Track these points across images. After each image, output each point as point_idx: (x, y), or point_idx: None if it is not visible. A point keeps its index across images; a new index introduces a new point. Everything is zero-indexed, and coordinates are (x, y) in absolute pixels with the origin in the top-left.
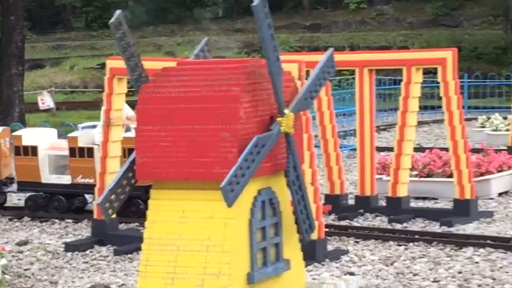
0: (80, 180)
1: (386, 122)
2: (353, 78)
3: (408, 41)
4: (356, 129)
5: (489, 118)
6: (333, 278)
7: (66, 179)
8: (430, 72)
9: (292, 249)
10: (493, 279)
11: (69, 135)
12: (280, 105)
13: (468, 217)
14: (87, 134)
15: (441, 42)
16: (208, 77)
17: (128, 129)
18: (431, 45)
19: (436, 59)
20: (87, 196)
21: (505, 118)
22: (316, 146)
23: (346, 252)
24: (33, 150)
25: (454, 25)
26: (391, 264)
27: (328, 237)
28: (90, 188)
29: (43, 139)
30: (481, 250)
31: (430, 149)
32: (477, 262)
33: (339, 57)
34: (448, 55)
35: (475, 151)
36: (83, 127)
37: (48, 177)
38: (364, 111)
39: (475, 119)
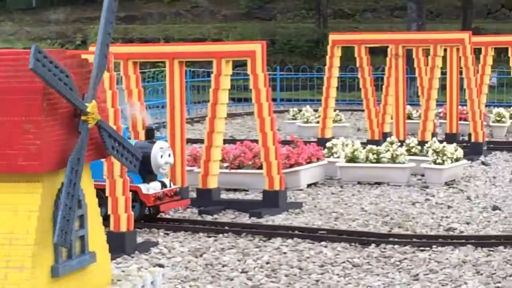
0: None
1: (200, 114)
2: None
3: (223, 33)
4: (167, 121)
5: (300, 111)
6: (141, 270)
7: None
8: (244, 65)
9: (98, 242)
10: (300, 269)
11: None
12: (80, 106)
13: (278, 208)
14: None
15: (255, 35)
16: (11, 68)
17: None
18: (245, 38)
19: (245, 51)
20: None
21: (316, 111)
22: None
23: (155, 244)
24: None
25: (268, 18)
26: (200, 255)
27: (138, 229)
28: None
29: None
30: (289, 240)
31: (242, 141)
32: (285, 253)
33: (150, 49)
34: (257, 48)
35: (286, 143)
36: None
37: None
38: (175, 103)
39: (287, 111)
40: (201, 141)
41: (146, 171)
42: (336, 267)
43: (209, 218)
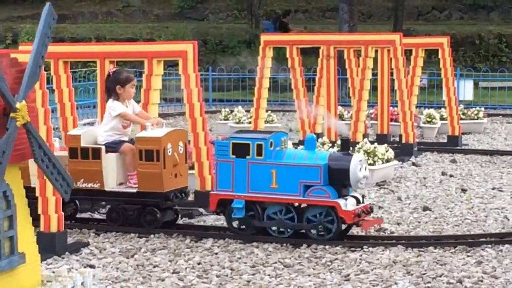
0: (81, 185)
1: None
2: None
3: (155, 33)
4: (98, 121)
5: (232, 111)
6: (71, 271)
7: None
8: (176, 65)
9: (27, 242)
10: (232, 269)
11: (69, 133)
12: (10, 101)
13: (207, 208)
14: (89, 133)
15: (187, 35)
16: None
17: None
18: (177, 38)
19: (176, 51)
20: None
21: (248, 111)
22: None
23: (86, 244)
24: None
25: (200, 19)
26: (132, 256)
27: (69, 230)
28: (94, 193)
29: None
30: (221, 241)
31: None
32: (216, 253)
33: (80, 48)
34: (189, 48)
35: None
36: (83, 124)
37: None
38: (105, 103)
39: (219, 111)
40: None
41: (342, 186)
42: (267, 268)
43: None
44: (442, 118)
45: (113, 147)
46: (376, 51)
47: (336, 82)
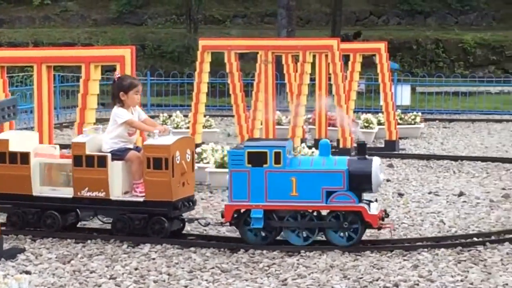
0: (86, 193)
1: (69, 119)
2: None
3: (93, 38)
4: (35, 126)
5: (170, 116)
6: (7, 277)
7: (64, 192)
8: (115, 69)
9: None
10: (169, 274)
11: (74, 140)
12: None
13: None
14: (94, 140)
15: (125, 40)
16: None
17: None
18: (115, 43)
19: (114, 56)
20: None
21: (186, 116)
22: None
23: (22, 250)
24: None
25: (139, 23)
26: (68, 262)
27: (5, 236)
28: (98, 203)
29: (29, 144)
30: (158, 246)
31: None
32: (154, 259)
33: (17, 53)
34: (126, 52)
35: None
36: (88, 131)
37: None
38: (43, 108)
39: (158, 116)
40: (70, 146)
41: (362, 190)
42: (205, 273)
43: (78, 224)
44: (379, 123)
45: (118, 154)
46: (314, 56)
47: (274, 87)
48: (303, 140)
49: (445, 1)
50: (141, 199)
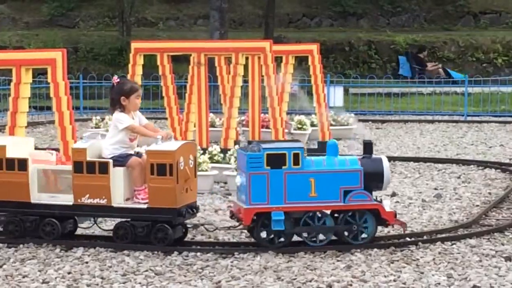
0: (86, 200)
1: (0, 122)
2: None
3: (24, 41)
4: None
5: (103, 119)
6: None
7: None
8: (47, 72)
9: None
10: (102, 278)
11: (74, 146)
12: None
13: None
14: (94, 146)
15: (57, 42)
16: None
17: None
18: (47, 46)
19: (45, 59)
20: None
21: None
22: None
23: None
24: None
25: (71, 26)
26: (0, 266)
27: None
28: (100, 210)
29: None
30: (91, 250)
31: (45, 149)
32: (87, 262)
33: None
34: (58, 55)
35: None
36: (87, 137)
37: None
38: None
39: (90, 119)
40: None
41: (374, 188)
42: (138, 276)
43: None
44: (312, 125)
45: (120, 161)
46: (247, 58)
47: (207, 89)
48: (236, 142)
49: (377, 2)
50: (145, 206)
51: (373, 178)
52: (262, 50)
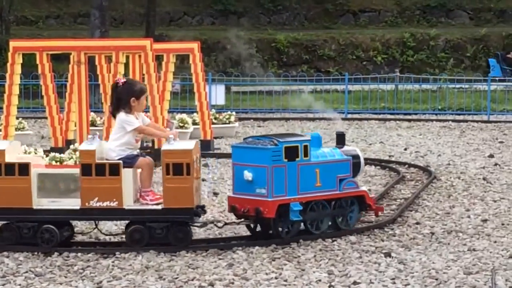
0: (95, 204)
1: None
2: None
3: None
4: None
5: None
6: None
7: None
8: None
9: None
10: None
11: (82, 148)
12: None
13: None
14: (100, 148)
15: None
16: None
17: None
18: None
19: None
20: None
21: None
22: None
23: None
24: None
25: None
26: None
27: None
28: (111, 213)
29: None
30: None
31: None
32: None
33: None
34: None
35: None
36: (93, 138)
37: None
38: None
39: None
40: None
41: (353, 176)
42: (18, 277)
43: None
44: (194, 123)
45: (128, 162)
46: (128, 57)
47: (87, 88)
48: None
49: (258, 1)
50: (159, 207)
51: (355, 167)
52: (143, 48)
